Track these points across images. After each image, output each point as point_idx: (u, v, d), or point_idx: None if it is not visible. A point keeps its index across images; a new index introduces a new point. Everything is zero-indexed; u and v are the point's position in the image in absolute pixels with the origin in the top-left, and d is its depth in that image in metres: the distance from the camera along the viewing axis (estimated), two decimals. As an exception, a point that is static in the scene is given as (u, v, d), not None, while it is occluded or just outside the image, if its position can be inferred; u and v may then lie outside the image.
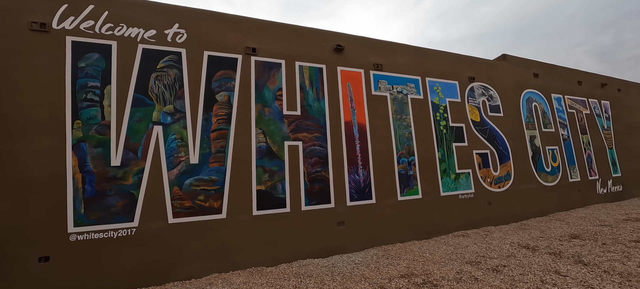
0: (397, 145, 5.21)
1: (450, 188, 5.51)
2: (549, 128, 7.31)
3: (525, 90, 7.20)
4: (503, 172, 6.23)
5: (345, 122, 4.88)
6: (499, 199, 6.01)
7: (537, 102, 7.34)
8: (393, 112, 5.32)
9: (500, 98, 6.69)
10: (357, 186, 4.72)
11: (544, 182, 6.77)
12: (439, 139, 5.64)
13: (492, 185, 6.02)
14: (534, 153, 6.85)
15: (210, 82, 4.20)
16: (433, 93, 5.84)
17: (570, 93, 8.11)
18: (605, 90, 8.98)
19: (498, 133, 6.40)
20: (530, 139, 6.89)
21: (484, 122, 6.29)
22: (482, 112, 6.34)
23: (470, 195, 5.69)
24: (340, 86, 4.99)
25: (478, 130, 6.15)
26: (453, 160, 5.67)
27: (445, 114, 5.85)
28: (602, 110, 8.66)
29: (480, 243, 4.51)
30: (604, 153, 8.20)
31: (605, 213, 6.31)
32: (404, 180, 5.11)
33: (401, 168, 5.13)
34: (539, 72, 7.56)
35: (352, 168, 4.74)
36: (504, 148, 6.39)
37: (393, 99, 5.38)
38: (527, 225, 5.68)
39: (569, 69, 8.31)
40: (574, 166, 7.43)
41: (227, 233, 3.90)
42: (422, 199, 5.19)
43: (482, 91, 6.49)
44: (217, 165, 4.00)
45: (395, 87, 5.46)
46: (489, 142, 6.23)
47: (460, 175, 5.68)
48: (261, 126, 4.33)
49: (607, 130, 8.55)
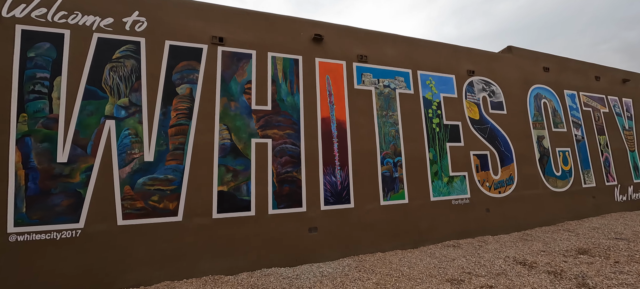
0: (382, 144, 4.74)
1: (442, 192, 4.99)
2: (560, 127, 6.61)
3: (533, 85, 6.53)
4: (505, 176, 5.64)
5: (323, 118, 4.46)
6: (499, 205, 5.43)
7: (547, 99, 6.65)
8: (378, 108, 4.86)
9: (503, 94, 6.08)
10: (334, 188, 4.29)
11: (552, 187, 6.10)
12: (431, 138, 5.13)
13: (492, 189, 5.44)
14: (542, 155, 6.19)
15: (171, 73, 3.89)
16: (425, 87, 5.32)
17: (586, 89, 7.34)
18: (627, 86, 8.11)
19: (500, 132, 5.80)
20: (538, 140, 6.24)
21: (483, 120, 5.71)
22: (482, 109, 5.76)
23: (465, 200, 5.14)
24: (318, 79, 4.58)
25: (477, 129, 5.58)
26: (446, 162, 5.14)
27: (439, 111, 5.33)
28: (623, 109, 7.81)
29: (470, 256, 3.99)
30: (624, 156, 7.38)
31: (622, 224, 5.59)
32: (388, 182, 4.64)
33: (385, 170, 4.67)
34: (549, 66, 6.86)
35: (328, 168, 4.32)
36: (506, 149, 5.78)
37: (378, 94, 4.92)
38: (530, 236, 5.08)
39: (584, 63, 7.53)
40: (589, 171, 6.69)
41: (183, 237, 3.57)
42: (409, 204, 4.70)
43: (482, 86, 5.91)
44: (175, 163, 3.69)
45: (381, 80, 5.00)
46: (489, 142, 5.64)
47: (454, 179, 5.14)
48: (226, 121, 3.98)
49: (628, 131, 7.71)
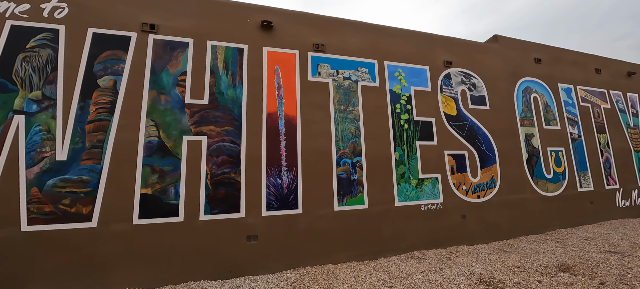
0: (339, 142, 4.25)
1: (410, 196, 4.47)
2: (553, 125, 5.97)
3: (521, 78, 5.91)
4: (485, 178, 5.06)
5: (269, 113, 4.01)
6: (478, 211, 4.86)
7: (538, 93, 6.02)
8: (336, 102, 4.37)
9: (486, 88, 5.49)
10: (279, 192, 3.84)
11: (542, 191, 5.48)
12: (398, 136, 4.61)
13: (469, 193, 4.88)
14: (531, 155, 5.58)
15: (93, 64, 3.51)
16: (393, 80, 4.81)
17: (585, 83, 6.66)
18: (633, 80, 7.36)
19: (481, 130, 5.23)
20: (526, 138, 5.62)
21: (462, 116, 5.15)
22: (460, 103, 5.19)
23: (437, 205, 4.60)
24: (265, 70, 4.13)
25: (453, 126, 5.03)
26: (416, 162, 4.61)
27: (409, 106, 4.80)
28: (627, 104, 7.08)
29: (430, 272, 3.47)
30: (628, 156, 6.66)
31: (621, 233, 4.94)
32: (344, 185, 4.15)
33: (342, 171, 4.18)
34: (541, 57, 6.22)
35: (273, 169, 3.86)
36: (488, 148, 5.21)
37: (337, 87, 4.43)
38: (511, 246, 4.50)
39: (583, 54, 6.84)
40: (586, 173, 6.03)
41: (97, 245, 3.18)
42: (369, 210, 4.20)
43: (461, 79, 5.34)
44: (91, 163, 3.30)
45: (341, 72, 4.51)
46: (468, 140, 5.08)
47: (425, 181, 4.61)
48: (154, 117, 3.58)
49: (633, 129, 6.97)
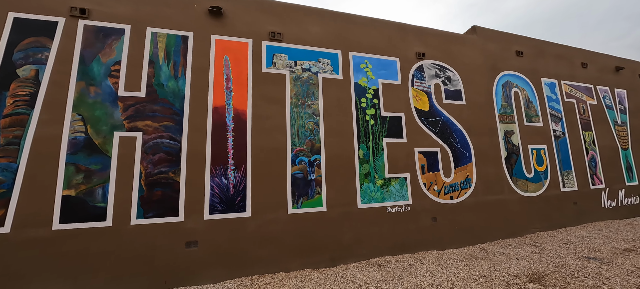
0: (295, 139, 3.92)
1: (374, 198, 4.14)
2: (535, 121, 5.65)
3: (501, 72, 5.59)
4: (460, 178, 4.74)
5: (215, 107, 3.67)
6: (450, 214, 4.53)
7: (520, 88, 5.70)
8: (293, 96, 4.03)
9: (462, 82, 5.16)
10: (224, 193, 3.50)
11: (521, 192, 5.16)
12: (363, 133, 4.27)
13: (441, 194, 4.55)
14: (510, 153, 5.25)
15: (12, 52, 3.15)
16: (359, 72, 4.47)
17: (570, 77, 6.34)
18: (621, 75, 7.05)
19: (456, 126, 4.90)
20: (505, 135, 5.30)
21: (435, 111, 4.82)
22: (433, 98, 4.86)
23: (405, 207, 4.27)
24: (213, 60, 3.78)
25: (425, 122, 4.70)
26: (382, 161, 4.28)
27: (376, 100, 4.46)
28: (615, 101, 6.77)
29: (385, 283, 3.13)
30: (615, 155, 6.36)
31: (604, 237, 4.62)
32: (300, 186, 3.82)
33: (297, 171, 3.84)
34: (523, 50, 5.90)
35: (218, 169, 3.52)
36: (463, 146, 4.88)
37: (295, 79, 4.09)
38: (484, 251, 4.18)
39: (569, 47, 6.52)
40: (570, 172, 5.71)
41: (10, 254, 2.83)
42: (327, 213, 3.87)
43: (435, 72, 5.01)
44: (5, 161, 2.95)
45: (299, 63, 4.17)
46: (441, 137, 4.75)
47: (392, 181, 4.28)
48: (81, 111, 3.22)
49: (621, 126, 6.67)
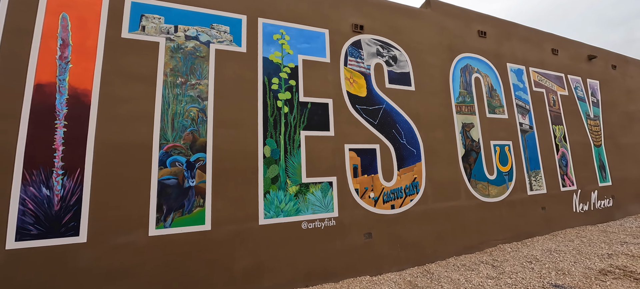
0: (167, 131, 2.82)
1: (285, 210, 3.11)
2: (499, 113, 4.83)
3: (461, 54, 4.71)
4: (405, 181, 3.80)
5: (39, 84, 2.50)
6: (391, 227, 3.58)
7: (482, 74, 4.85)
8: (169, 72, 2.93)
9: (411, 63, 4.23)
10: (44, 209, 2.35)
11: (481, 196, 4.31)
12: (271, 123, 3.23)
13: (379, 203, 3.59)
14: (469, 150, 4.39)
15: None
16: (271, 44, 3.42)
17: (539, 64, 5.59)
18: (594, 64, 6.41)
19: (401, 117, 3.96)
20: (463, 129, 4.43)
21: (374, 97, 3.85)
22: (372, 81, 3.90)
23: (328, 221, 3.27)
24: (41, 18, 2.61)
25: (361, 111, 3.72)
26: (298, 161, 3.26)
27: (293, 81, 3.43)
28: (587, 92, 6.10)
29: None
30: (587, 152, 5.67)
31: (575, 251, 3.82)
32: (172, 196, 2.72)
33: (169, 175, 2.75)
34: (487, 30, 5.06)
35: (36, 173, 2.37)
36: (410, 141, 3.95)
37: (173, 49, 2.99)
38: (429, 275, 3.25)
39: (538, 31, 5.77)
40: (538, 172, 4.94)
41: None
42: (212, 233, 2.80)
43: (377, 49, 4.04)
44: None
45: (183, 28, 3.06)
46: (382, 131, 3.79)
47: (311, 187, 3.27)
48: None
49: (593, 120, 6.01)
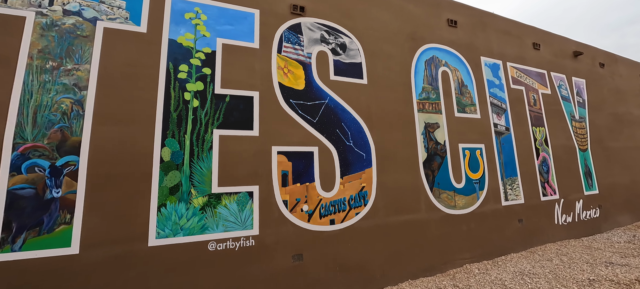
0: (24, 127, 2.21)
1: (186, 227, 2.50)
2: (470, 112, 4.26)
3: (426, 44, 4.15)
4: (350, 191, 3.21)
5: None
6: (329, 246, 2.99)
7: (451, 67, 4.29)
8: (36, 55, 2.32)
9: (364, 53, 3.66)
10: None
11: (447, 208, 3.73)
12: (175, 120, 2.63)
13: (315, 217, 3.00)
14: (432, 154, 3.81)
15: None
16: (181, 24, 2.83)
17: (519, 60, 5.04)
18: (580, 62, 5.89)
19: (348, 115, 3.38)
20: (427, 129, 3.86)
21: (315, 91, 3.27)
22: (313, 72, 3.31)
23: (246, 241, 2.67)
24: None
25: (297, 107, 3.14)
26: (208, 166, 2.66)
27: (207, 70, 2.84)
28: (572, 91, 5.57)
29: None
30: (572, 157, 5.12)
31: (551, 274, 3.24)
32: (26, 210, 2.10)
33: (23, 184, 2.13)
34: (458, 19, 4.51)
35: None
36: (359, 143, 3.37)
37: (45, 26, 2.38)
38: (370, 307, 2.66)
39: (517, 23, 5.23)
40: (515, 179, 4.37)
41: None
42: (80, 257, 2.18)
43: (322, 35, 3.47)
44: None
45: (59, 1, 2.47)
46: (322, 130, 3.21)
47: (225, 199, 2.67)
48: None
49: (579, 122, 5.47)
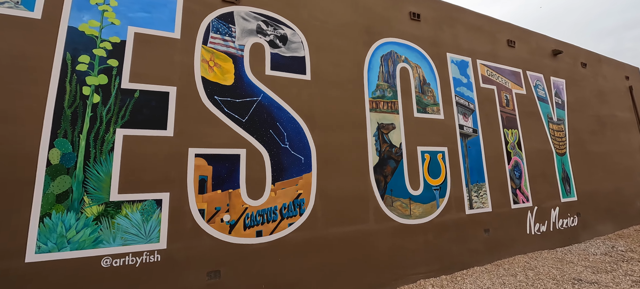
0: None
1: (74, 241, 2.16)
2: (432, 112, 3.94)
3: (383, 38, 3.83)
4: (283, 199, 2.87)
5: None
6: (255, 260, 2.65)
7: (411, 63, 3.96)
8: None
9: (308, 45, 3.33)
10: None
11: (400, 218, 3.39)
12: (69, 117, 2.29)
13: (239, 228, 2.66)
14: (386, 158, 3.48)
15: None
16: (84, 9, 2.49)
17: (491, 57, 4.72)
18: (560, 61, 5.58)
19: (286, 114, 3.05)
20: (380, 130, 3.52)
21: (246, 87, 2.94)
22: (245, 66, 2.98)
23: (149, 256, 2.33)
24: None
25: (223, 105, 2.80)
26: (106, 170, 2.32)
27: (114, 61, 2.50)
28: (550, 92, 5.25)
29: None
30: (548, 162, 4.80)
31: (507, 293, 2.91)
32: None
33: None
34: (421, 12, 4.18)
35: None
36: (297, 146, 3.03)
37: None
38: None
39: (490, 18, 4.91)
40: (482, 186, 4.04)
41: None
42: None
43: (258, 26, 3.13)
44: None
45: None
46: (253, 131, 2.87)
47: (126, 207, 2.33)
48: None
49: (557, 125, 5.15)
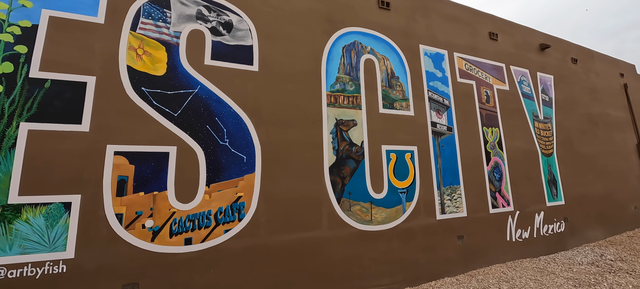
0: None
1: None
2: (401, 108, 3.62)
3: (345, 28, 3.53)
4: (220, 202, 2.58)
5: None
6: (182, 272, 2.36)
7: (378, 55, 3.65)
8: None
9: (257, 35, 3.04)
10: None
11: (359, 224, 3.08)
12: (-41, 109, 2.03)
13: (163, 236, 2.37)
14: (344, 158, 3.17)
15: None
16: (-13, -10, 2.23)
17: (470, 51, 4.40)
18: (548, 55, 5.23)
19: (226, 108, 2.76)
20: (338, 127, 3.22)
21: (180, 79, 2.65)
22: (180, 55, 2.70)
23: (52, 266, 2.04)
24: None
25: (152, 97, 2.52)
26: (5, 170, 2.04)
27: (22, 48, 2.23)
28: (536, 88, 4.90)
29: None
30: (532, 163, 4.45)
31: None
32: None
33: None
34: (391, 0, 3.88)
35: None
36: (237, 143, 2.74)
37: None
38: None
39: (471, 10, 4.59)
40: (456, 188, 3.72)
41: None
42: None
43: (198, 11, 2.85)
44: None
45: None
46: (187, 127, 2.59)
47: (26, 212, 2.04)
48: None
49: (543, 123, 4.80)
